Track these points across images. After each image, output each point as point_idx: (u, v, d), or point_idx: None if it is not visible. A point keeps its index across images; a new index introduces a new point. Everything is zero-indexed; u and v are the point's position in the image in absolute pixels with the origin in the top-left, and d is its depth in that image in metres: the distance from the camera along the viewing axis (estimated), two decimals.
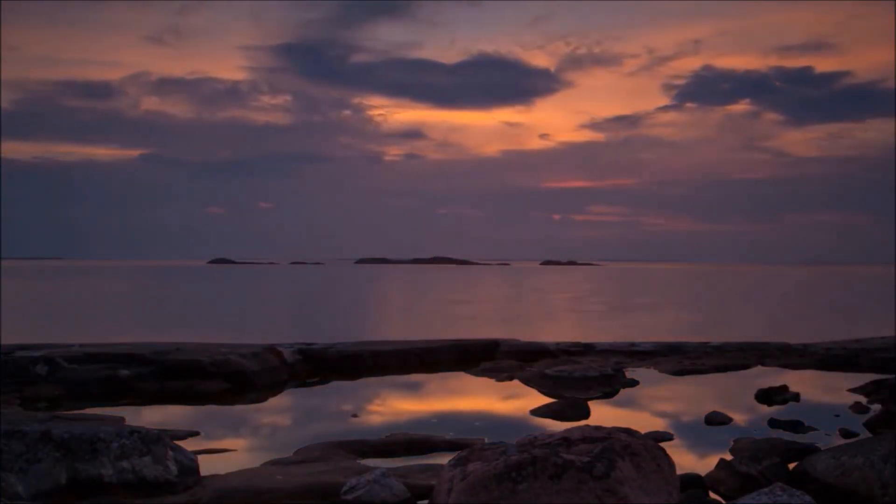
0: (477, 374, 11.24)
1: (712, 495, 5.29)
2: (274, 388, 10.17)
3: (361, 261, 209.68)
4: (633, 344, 13.51)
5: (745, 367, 11.92)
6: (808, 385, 10.20)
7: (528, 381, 10.38)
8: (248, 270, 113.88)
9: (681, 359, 12.33)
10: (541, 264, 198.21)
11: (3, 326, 18.54)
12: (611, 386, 9.96)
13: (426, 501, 4.79)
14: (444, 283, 66.18)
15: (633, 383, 10.39)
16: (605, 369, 10.31)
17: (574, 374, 10.02)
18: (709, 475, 5.56)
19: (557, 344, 13.24)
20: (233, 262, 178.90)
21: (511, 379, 10.76)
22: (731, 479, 5.38)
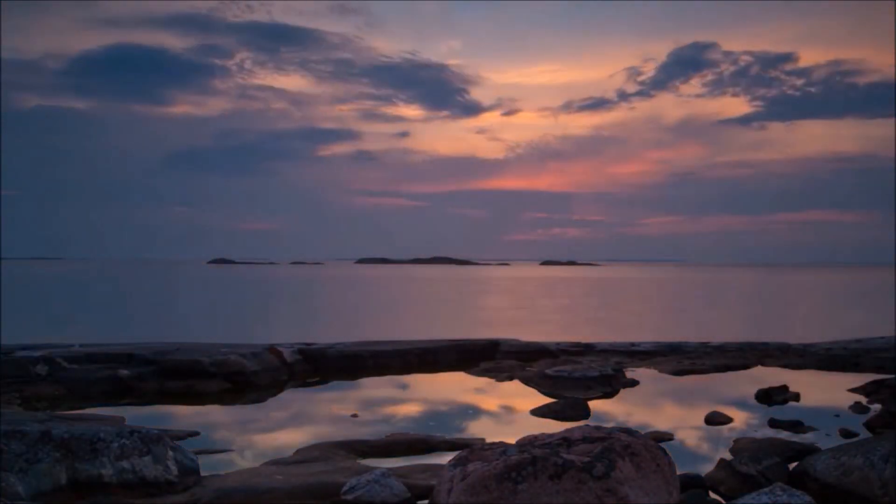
0: (477, 374, 11.24)
1: (712, 495, 5.29)
2: (274, 388, 10.17)
3: (361, 260, 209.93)
4: (633, 344, 13.52)
5: (745, 367, 11.92)
6: (809, 385, 10.20)
7: (528, 381, 10.38)
8: (247, 270, 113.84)
9: (681, 359, 12.34)
10: (540, 264, 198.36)
11: (3, 326, 18.55)
12: (611, 386, 9.95)
13: (426, 501, 4.78)
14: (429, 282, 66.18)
15: (633, 383, 10.39)
16: (605, 369, 10.31)
17: (574, 374, 10.01)
18: (709, 475, 5.56)
19: (557, 344, 13.25)
20: (233, 262, 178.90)
21: (511, 379, 10.76)
22: (731, 479, 5.38)
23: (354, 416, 8.27)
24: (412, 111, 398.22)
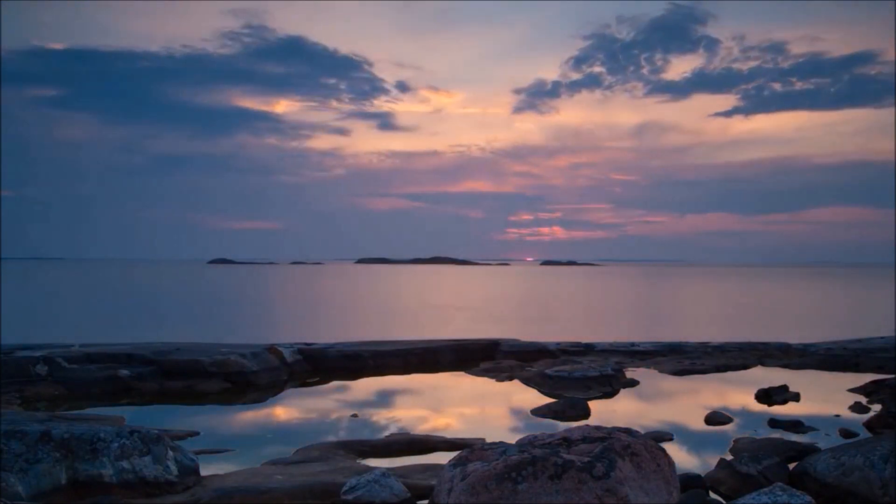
0: (477, 374, 11.24)
1: (712, 495, 5.28)
2: (274, 388, 10.18)
3: (361, 260, 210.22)
4: (633, 344, 13.52)
5: (745, 367, 11.93)
6: (809, 385, 10.20)
7: (528, 381, 10.38)
8: (247, 270, 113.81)
9: (681, 359, 12.34)
10: (540, 265, 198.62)
11: (3, 326, 18.55)
12: (611, 386, 9.95)
13: (426, 501, 4.78)
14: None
15: (633, 383, 10.39)
16: (605, 369, 10.31)
17: (574, 374, 10.01)
18: (709, 475, 5.56)
19: (557, 344, 13.25)
20: (233, 262, 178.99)
21: (511, 379, 10.76)
22: (732, 479, 5.38)
23: (354, 416, 8.27)
24: (347, 106, 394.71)
